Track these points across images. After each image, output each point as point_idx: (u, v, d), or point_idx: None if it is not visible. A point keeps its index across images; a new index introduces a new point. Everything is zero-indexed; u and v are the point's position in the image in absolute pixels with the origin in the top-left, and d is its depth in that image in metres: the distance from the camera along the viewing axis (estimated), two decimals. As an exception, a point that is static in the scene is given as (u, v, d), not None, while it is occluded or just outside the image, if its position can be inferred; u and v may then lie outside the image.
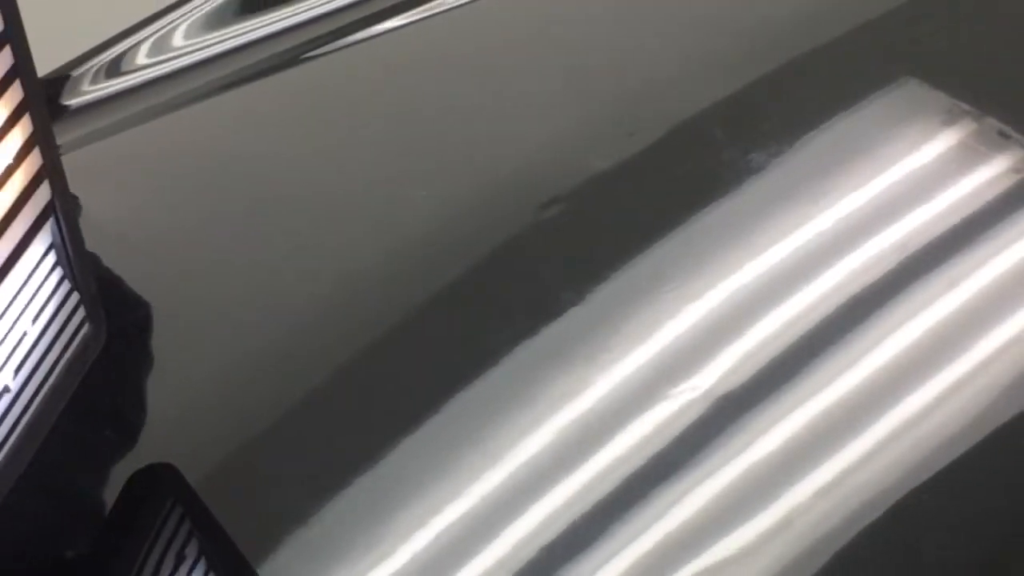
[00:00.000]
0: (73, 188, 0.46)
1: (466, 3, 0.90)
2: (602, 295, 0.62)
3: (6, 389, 0.39)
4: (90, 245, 0.48)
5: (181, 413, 0.56)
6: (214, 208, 0.70)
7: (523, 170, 0.71)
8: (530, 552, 0.51)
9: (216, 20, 0.88)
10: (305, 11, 0.88)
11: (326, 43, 0.85)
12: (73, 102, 0.80)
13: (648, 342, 0.59)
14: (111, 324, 0.47)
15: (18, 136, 0.39)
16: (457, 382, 0.57)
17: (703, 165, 0.69)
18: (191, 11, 0.87)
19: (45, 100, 0.41)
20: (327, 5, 0.89)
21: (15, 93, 0.39)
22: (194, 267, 0.66)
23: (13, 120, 0.39)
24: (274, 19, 0.88)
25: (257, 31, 0.87)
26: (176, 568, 0.48)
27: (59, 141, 0.61)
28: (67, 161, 0.47)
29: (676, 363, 0.57)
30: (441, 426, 0.55)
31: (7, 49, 0.38)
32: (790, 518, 0.52)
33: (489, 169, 0.72)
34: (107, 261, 0.60)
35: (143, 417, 0.58)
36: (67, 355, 0.43)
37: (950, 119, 0.70)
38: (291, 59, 0.83)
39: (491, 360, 0.58)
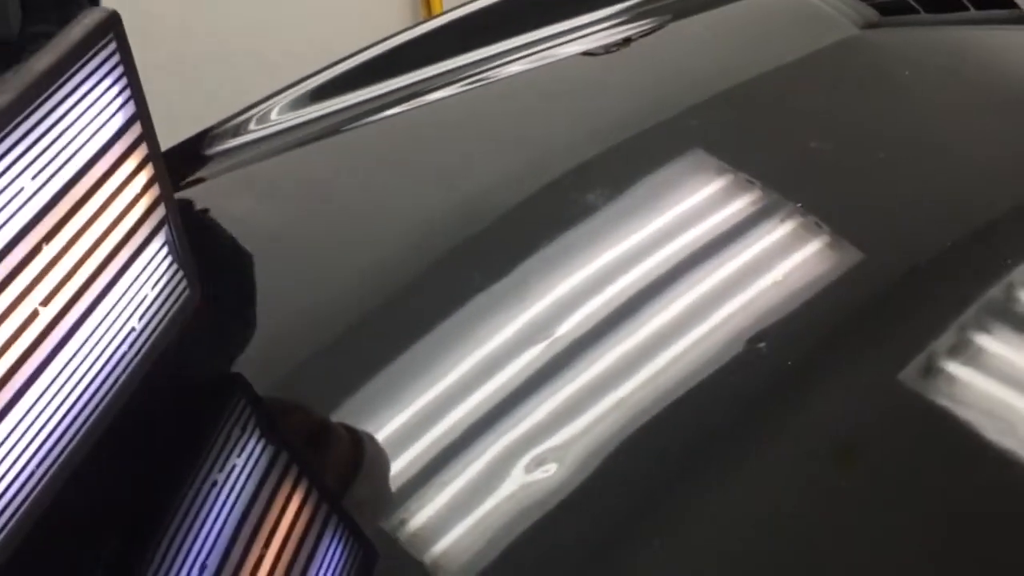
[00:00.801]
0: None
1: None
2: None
3: (133, 329, 0.65)
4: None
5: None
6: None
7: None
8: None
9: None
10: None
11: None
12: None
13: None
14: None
15: (144, 177, 0.65)
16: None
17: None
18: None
19: (160, 151, 0.66)
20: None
21: (142, 151, 0.64)
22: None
23: (140, 168, 0.64)
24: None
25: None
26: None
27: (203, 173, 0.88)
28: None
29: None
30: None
31: (137, 124, 0.64)
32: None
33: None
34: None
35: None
36: (173, 309, 0.68)
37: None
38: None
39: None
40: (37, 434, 0.57)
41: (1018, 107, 1.01)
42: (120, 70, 0.61)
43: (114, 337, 0.63)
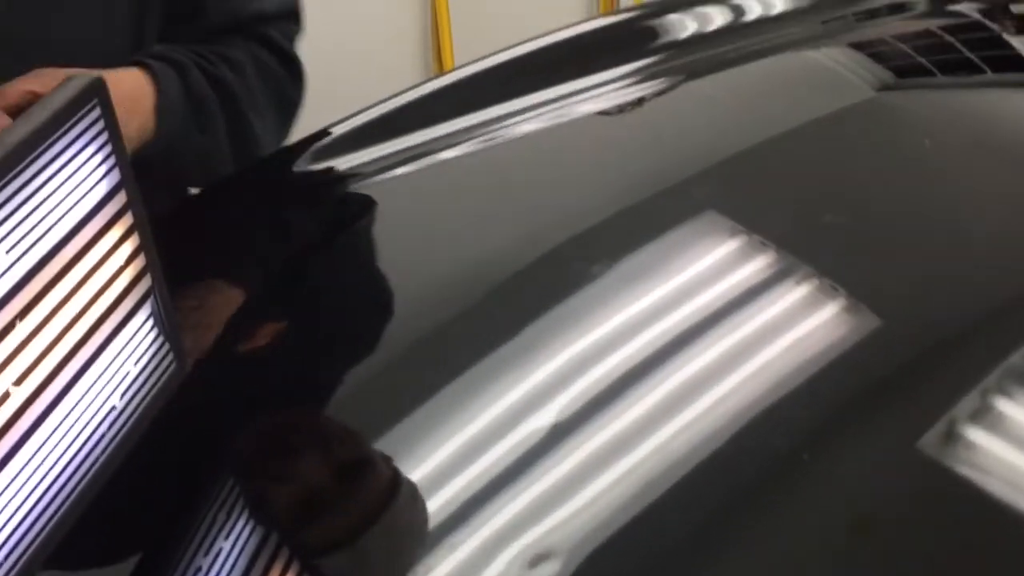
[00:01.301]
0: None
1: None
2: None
3: (114, 408, 0.62)
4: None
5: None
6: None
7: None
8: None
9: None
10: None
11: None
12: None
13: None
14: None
15: (128, 247, 0.62)
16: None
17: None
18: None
19: (146, 219, 0.63)
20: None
21: (126, 220, 0.62)
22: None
23: (124, 238, 0.62)
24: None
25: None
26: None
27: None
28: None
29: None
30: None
31: (122, 192, 0.61)
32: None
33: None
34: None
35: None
36: (158, 385, 0.65)
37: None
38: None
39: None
40: (7, 522, 0.54)
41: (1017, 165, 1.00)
42: (104, 137, 0.59)
43: (92, 417, 0.60)
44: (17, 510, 0.55)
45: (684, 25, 1.40)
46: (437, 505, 0.69)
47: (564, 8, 2.97)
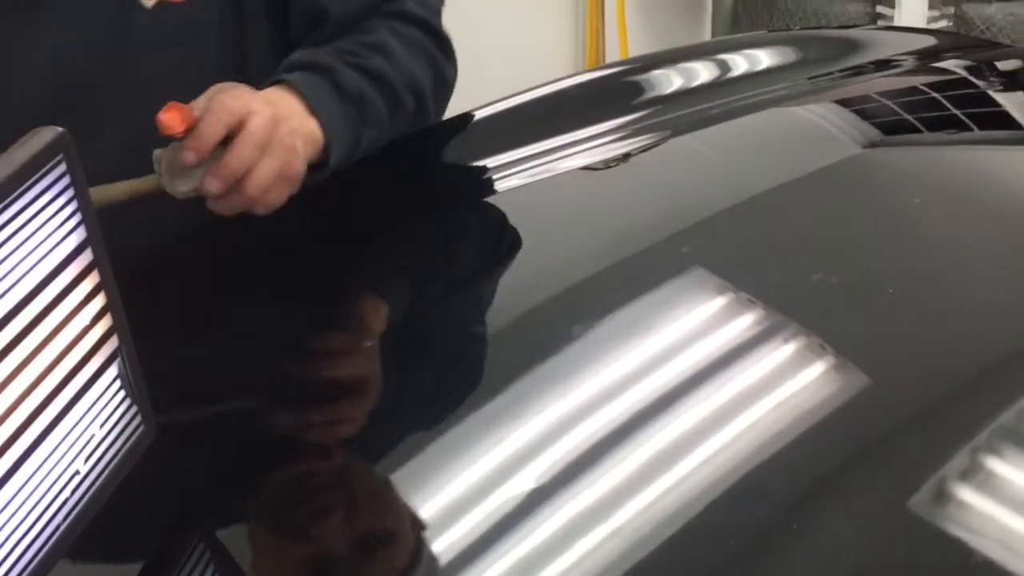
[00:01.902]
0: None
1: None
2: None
3: (77, 472, 0.60)
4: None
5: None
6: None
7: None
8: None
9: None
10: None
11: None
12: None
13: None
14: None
15: (95, 305, 0.60)
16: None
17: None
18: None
19: (113, 277, 0.61)
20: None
21: (93, 278, 0.60)
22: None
23: (91, 296, 0.60)
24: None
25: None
26: None
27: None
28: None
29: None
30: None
31: (88, 250, 0.59)
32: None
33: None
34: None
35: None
36: (125, 448, 0.63)
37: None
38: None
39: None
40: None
41: (1014, 228, 0.99)
42: (71, 192, 0.57)
43: (55, 482, 0.58)
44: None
45: (671, 80, 1.40)
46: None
47: (549, 62, 2.99)
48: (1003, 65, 1.33)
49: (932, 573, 0.64)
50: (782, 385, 0.79)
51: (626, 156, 1.19)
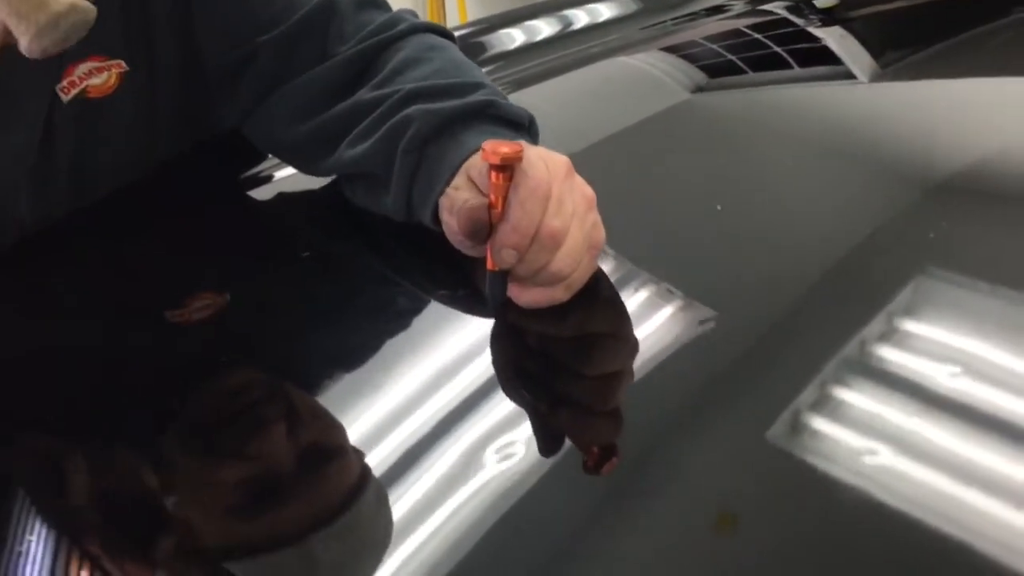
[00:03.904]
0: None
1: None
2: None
3: None
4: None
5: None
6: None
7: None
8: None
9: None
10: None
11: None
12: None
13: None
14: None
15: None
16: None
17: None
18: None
19: None
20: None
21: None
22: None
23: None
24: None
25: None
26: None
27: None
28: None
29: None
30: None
31: None
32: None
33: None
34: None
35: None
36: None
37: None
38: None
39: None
40: None
41: (838, 159, 1.03)
42: None
43: None
44: None
45: (511, 39, 1.42)
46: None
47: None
48: (820, 2, 1.38)
49: (796, 502, 0.63)
50: (636, 326, 0.78)
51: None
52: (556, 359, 0.78)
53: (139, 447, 0.71)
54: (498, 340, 0.77)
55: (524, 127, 0.89)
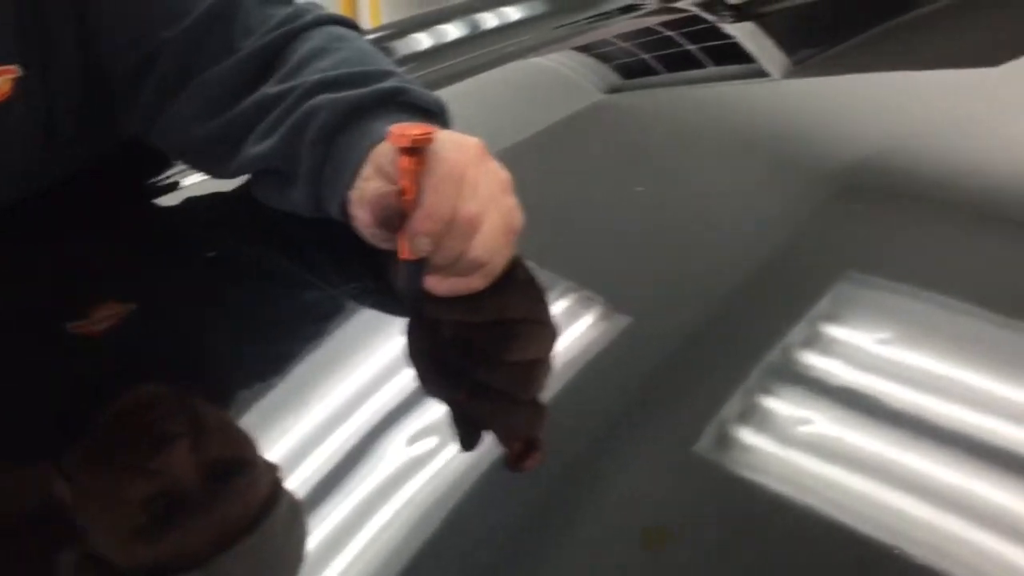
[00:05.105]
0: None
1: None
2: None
3: None
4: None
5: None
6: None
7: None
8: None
9: None
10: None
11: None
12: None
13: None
14: None
15: None
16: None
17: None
18: None
19: None
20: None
21: None
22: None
23: None
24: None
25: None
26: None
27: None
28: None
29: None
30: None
31: None
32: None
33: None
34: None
35: None
36: None
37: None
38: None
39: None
40: None
41: (751, 159, 1.03)
42: None
43: None
44: None
45: (421, 41, 1.41)
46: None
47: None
48: (731, -1, 1.38)
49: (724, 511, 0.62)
50: (559, 336, 0.76)
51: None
52: (475, 349, 0.75)
53: (36, 464, 0.68)
54: (414, 333, 0.75)
55: (436, 114, 0.87)
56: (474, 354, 0.75)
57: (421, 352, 0.74)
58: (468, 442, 0.66)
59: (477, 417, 0.68)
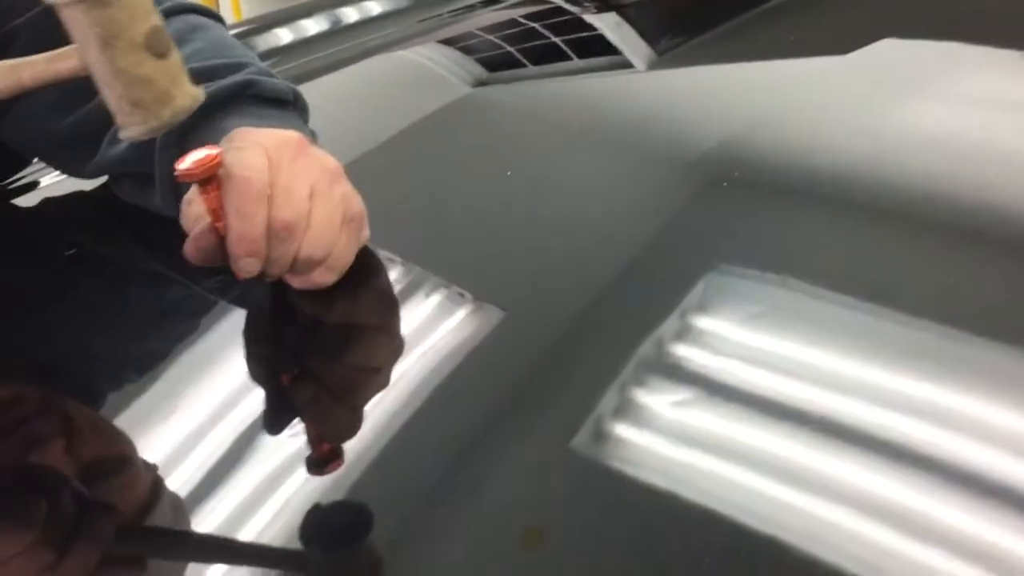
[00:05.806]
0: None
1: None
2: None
3: None
4: None
5: None
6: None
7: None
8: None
9: None
10: None
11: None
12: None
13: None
14: None
15: None
16: None
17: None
18: None
19: None
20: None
21: None
22: None
23: None
24: None
25: None
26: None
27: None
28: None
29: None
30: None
31: None
32: None
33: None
34: None
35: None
36: None
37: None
38: None
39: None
40: None
41: (617, 151, 1.03)
42: None
43: None
44: None
45: (283, 36, 1.39)
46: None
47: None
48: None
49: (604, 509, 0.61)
50: (426, 330, 0.76)
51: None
52: (313, 344, 0.74)
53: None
54: (256, 326, 0.74)
55: (289, 102, 0.84)
56: (313, 351, 0.73)
57: (266, 344, 0.73)
58: (273, 426, 0.66)
59: (292, 406, 0.68)
